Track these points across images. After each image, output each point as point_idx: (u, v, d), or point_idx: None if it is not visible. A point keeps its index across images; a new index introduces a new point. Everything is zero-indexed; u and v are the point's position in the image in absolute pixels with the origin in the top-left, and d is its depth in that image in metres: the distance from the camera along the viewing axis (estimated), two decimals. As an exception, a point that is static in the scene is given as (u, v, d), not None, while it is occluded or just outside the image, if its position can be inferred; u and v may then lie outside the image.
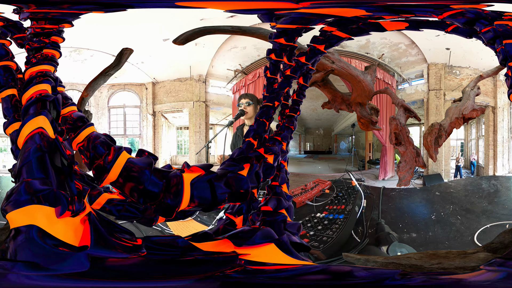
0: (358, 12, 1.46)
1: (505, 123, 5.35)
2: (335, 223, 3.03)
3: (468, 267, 1.24)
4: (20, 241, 0.89)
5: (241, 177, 1.10)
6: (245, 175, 1.12)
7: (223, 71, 5.84)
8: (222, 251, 1.00)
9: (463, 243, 3.07)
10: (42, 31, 1.33)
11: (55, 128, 1.10)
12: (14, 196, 0.94)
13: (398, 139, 3.04)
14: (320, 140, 10.56)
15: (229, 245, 1.05)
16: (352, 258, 1.54)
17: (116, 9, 1.57)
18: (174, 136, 6.66)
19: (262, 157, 1.24)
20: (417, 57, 5.38)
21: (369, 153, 7.12)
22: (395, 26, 1.52)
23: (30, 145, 1.01)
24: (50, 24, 1.34)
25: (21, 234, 0.90)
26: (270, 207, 1.27)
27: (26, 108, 1.10)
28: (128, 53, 2.56)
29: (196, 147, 5.81)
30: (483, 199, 3.71)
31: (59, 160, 1.05)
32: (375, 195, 3.64)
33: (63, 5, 1.37)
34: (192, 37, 2.43)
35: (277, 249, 1.04)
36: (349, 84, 3.31)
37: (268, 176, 1.25)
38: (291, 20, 1.45)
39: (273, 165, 1.26)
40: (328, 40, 1.52)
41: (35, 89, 1.16)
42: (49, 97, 1.14)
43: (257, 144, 1.32)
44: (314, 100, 5.70)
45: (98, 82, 2.71)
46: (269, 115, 1.39)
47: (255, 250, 1.02)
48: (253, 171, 1.15)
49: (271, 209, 1.26)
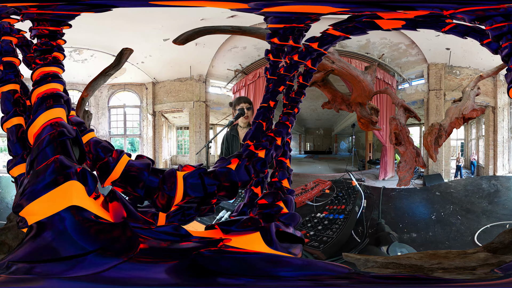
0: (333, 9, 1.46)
1: (505, 123, 5.34)
2: (335, 223, 3.03)
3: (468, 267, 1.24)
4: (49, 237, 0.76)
5: (228, 170, 1.17)
6: (232, 169, 1.18)
7: (223, 71, 5.84)
8: (211, 237, 1.03)
9: (463, 243, 3.07)
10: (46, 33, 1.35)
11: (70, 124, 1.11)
12: (30, 187, 0.83)
13: (398, 139, 3.04)
14: (320, 140, 10.55)
15: (219, 232, 1.10)
16: (352, 258, 1.54)
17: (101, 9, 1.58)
18: (174, 136, 6.66)
19: (252, 153, 1.29)
20: (417, 57, 5.37)
21: (369, 153, 7.11)
22: (391, 24, 1.52)
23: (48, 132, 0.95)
24: (51, 26, 1.36)
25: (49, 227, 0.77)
26: (266, 200, 1.31)
27: (42, 100, 1.07)
28: (128, 53, 2.56)
29: (196, 147, 5.80)
30: (483, 199, 3.71)
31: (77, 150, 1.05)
32: (375, 195, 3.64)
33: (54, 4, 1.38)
34: (192, 37, 2.43)
35: (259, 238, 1.07)
36: (349, 84, 3.31)
37: (261, 169, 1.29)
38: (278, 20, 1.47)
39: (264, 159, 1.29)
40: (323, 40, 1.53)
41: (49, 86, 1.15)
42: (64, 96, 1.14)
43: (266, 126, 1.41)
44: (314, 100, 5.70)
45: (98, 82, 2.71)
46: (265, 116, 1.44)
47: (240, 238, 1.06)
48: (242, 165, 1.21)
49: (266, 202, 1.30)
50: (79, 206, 0.81)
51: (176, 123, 6.55)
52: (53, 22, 1.37)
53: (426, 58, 5.32)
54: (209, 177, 1.14)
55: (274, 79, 1.48)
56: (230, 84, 5.93)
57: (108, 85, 5.84)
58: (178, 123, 6.55)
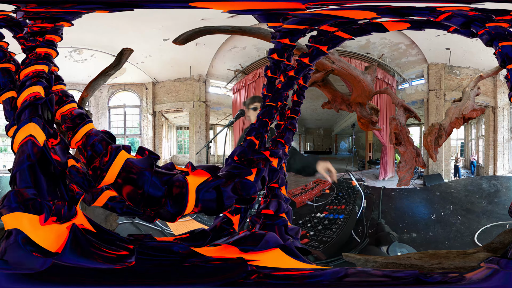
0: (369, 14, 1.46)
1: (505, 123, 5.34)
2: (335, 223, 3.03)
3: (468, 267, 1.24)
4: (10, 242, 1.01)
5: (250, 183, 1.07)
6: (252, 180, 1.08)
7: (223, 71, 5.84)
8: (227, 257, 0.98)
9: (463, 243, 3.07)
10: (40, 30, 1.36)
11: (47, 132, 1.13)
12: (6, 201, 1.04)
13: (398, 139, 3.04)
14: (320, 140, 10.54)
15: (232, 250, 1.03)
16: (352, 258, 1.53)
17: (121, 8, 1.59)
18: (174, 136, 6.66)
19: (268, 160, 1.22)
20: (417, 57, 5.37)
21: (369, 153, 7.11)
22: (397, 26, 1.52)
23: (22, 152, 1.09)
24: (47, 23, 1.37)
25: (11, 236, 1.01)
26: (272, 211, 1.25)
27: (19, 115, 1.17)
28: (128, 53, 2.56)
29: (196, 147, 5.80)
30: (483, 199, 3.71)
31: (51, 166, 1.08)
32: (375, 195, 3.64)
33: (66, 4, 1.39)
34: (192, 37, 2.43)
35: (283, 254, 1.03)
36: (349, 84, 3.31)
37: (272, 180, 1.25)
38: (299, 20, 1.45)
39: (277, 169, 1.24)
40: (331, 41, 1.52)
41: (28, 92, 1.23)
42: (40, 100, 1.18)
43: (259, 143, 1.29)
44: (314, 100, 5.70)
45: (98, 82, 2.70)
46: (271, 115, 1.38)
47: (262, 256, 1.01)
48: (261, 175, 1.12)
49: (272, 213, 1.24)
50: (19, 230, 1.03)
51: (176, 123, 6.54)
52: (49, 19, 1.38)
53: (426, 58, 5.32)
54: (227, 190, 1.01)
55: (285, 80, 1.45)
56: (230, 84, 5.93)
57: (108, 85, 5.84)
58: (178, 123, 6.54)
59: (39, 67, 1.25)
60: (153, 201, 0.94)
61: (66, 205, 1.05)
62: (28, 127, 1.11)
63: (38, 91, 1.18)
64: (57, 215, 1.04)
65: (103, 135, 1.09)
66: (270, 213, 1.24)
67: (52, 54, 1.32)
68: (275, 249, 1.03)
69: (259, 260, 0.98)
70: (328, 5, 1.42)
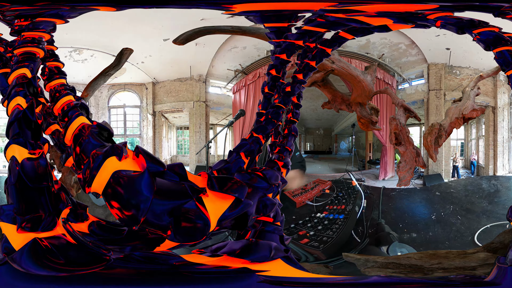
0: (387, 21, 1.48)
1: (505, 123, 5.34)
2: (335, 223, 3.03)
3: (468, 267, 1.24)
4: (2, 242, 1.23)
5: (273, 203, 1.03)
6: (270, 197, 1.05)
7: (223, 71, 5.84)
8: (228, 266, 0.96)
9: (463, 243, 3.07)
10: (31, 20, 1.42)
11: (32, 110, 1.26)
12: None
13: (398, 139, 3.04)
14: (320, 140, 10.54)
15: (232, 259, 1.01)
16: (352, 258, 1.53)
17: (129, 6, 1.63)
18: (174, 136, 6.66)
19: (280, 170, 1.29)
20: (417, 57, 5.37)
21: (369, 153, 7.11)
22: (401, 26, 1.53)
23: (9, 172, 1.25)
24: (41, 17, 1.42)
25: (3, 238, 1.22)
26: (271, 218, 1.22)
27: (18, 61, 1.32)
28: (128, 53, 2.55)
29: (196, 147, 5.80)
30: (483, 199, 3.71)
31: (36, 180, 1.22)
32: (375, 195, 3.64)
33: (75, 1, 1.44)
34: (192, 37, 2.43)
35: (283, 263, 1.02)
36: (349, 84, 3.31)
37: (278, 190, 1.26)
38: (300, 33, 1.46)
39: (286, 181, 1.26)
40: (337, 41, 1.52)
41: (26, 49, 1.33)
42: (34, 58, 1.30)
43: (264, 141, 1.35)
44: (314, 100, 5.70)
45: (98, 82, 2.70)
46: (279, 116, 1.40)
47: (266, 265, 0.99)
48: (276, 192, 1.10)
49: (271, 220, 1.21)
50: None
51: (176, 123, 6.54)
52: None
53: (426, 58, 5.32)
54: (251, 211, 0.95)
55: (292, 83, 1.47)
56: (230, 84, 5.93)
57: (108, 85, 5.84)
58: (178, 123, 6.54)
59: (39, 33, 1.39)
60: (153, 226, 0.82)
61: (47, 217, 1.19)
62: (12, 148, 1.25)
63: (34, 50, 1.32)
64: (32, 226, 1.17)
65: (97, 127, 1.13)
66: (269, 220, 1.20)
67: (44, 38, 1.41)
68: (277, 260, 1.02)
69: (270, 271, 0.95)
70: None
